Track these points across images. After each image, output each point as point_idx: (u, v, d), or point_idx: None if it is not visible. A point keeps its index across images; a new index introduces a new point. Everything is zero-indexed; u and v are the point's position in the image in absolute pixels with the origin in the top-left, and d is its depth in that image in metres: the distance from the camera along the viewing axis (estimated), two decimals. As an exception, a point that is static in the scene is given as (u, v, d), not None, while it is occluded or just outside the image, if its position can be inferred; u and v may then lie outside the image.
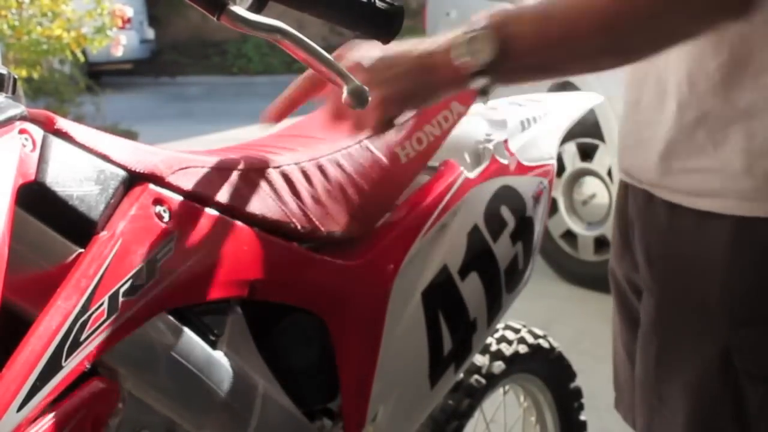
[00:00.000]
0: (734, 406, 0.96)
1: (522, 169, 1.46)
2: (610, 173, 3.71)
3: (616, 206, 1.14)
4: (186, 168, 0.95)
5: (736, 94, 0.92)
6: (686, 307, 0.99)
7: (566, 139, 2.82)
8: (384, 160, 1.23)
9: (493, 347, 1.65)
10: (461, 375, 1.50)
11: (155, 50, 11.70)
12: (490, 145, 1.41)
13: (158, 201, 0.88)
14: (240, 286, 0.98)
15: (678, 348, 1.00)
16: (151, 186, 0.88)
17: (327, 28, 11.13)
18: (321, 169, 1.15)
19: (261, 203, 1.04)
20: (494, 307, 1.41)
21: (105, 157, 0.87)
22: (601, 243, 3.85)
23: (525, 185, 1.46)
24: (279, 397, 1.05)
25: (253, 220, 1.01)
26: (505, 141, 1.45)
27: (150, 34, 11.36)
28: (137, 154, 0.90)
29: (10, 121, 0.79)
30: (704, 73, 0.94)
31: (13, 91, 0.84)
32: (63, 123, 0.85)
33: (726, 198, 0.93)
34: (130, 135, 7.31)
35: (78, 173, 0.83)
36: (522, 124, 1.53)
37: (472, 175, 1.36)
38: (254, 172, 1.05)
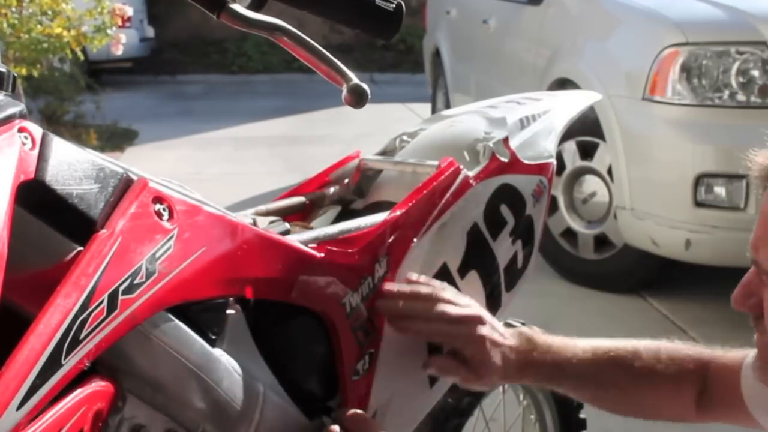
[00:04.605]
0: None
1: (521, 168, 1.46)
2: (610, 171, 3.70)
3: None
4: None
5: None
6: None
7: (566, 137, 2.82)
8: None
9: (493, 345, 1.65)
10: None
11: (155, 49, 11.68)
12: (490, 143, 1.41)
13: (158, 199, 0.87)
14: (239, 285, 0.98)
15: None
16: (151, 184, 0.88)
17: (327, 26, 11.13)
18: None
19: None
20: (494, 306, 1.41)
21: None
22: (601, 241, 3.85)
23: (524, 183, 1.46)
24: (278, 396, 1.05)
25: None
26: (505, 139, 1.45)
27: (150, 32, 11.34)
28: None
29: (9, 119, 0.79)
30: None
31: (13, 90, 0.84)
32: None
33: None
34: (130, 133, 7.31)
35: (77, 171, 0.83)
36: (521, 122, 1.53)
37: (472, 173, 1.36)
38: None
